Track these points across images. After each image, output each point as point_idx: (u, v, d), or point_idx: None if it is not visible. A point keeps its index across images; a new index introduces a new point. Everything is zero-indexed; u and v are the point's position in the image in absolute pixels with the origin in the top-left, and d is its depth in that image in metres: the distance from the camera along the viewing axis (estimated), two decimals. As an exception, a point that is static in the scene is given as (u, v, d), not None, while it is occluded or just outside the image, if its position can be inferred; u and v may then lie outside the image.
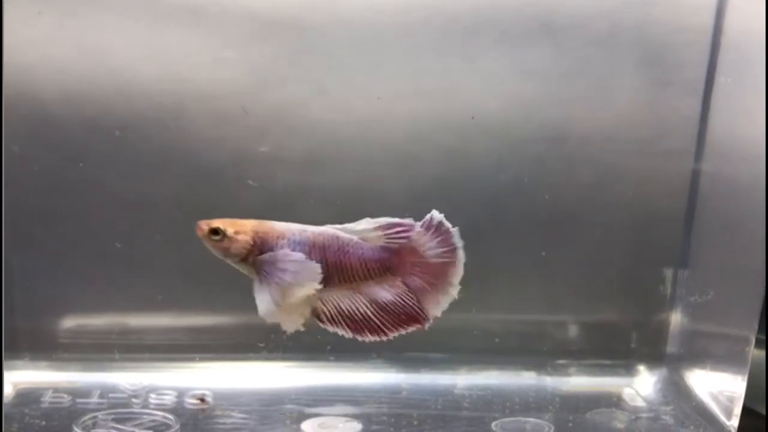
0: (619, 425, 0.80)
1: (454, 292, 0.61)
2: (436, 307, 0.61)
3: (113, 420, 0.75)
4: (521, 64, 0.81)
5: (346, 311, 0.60)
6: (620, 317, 0.90)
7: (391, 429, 0.77)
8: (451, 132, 0.83)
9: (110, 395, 0.79)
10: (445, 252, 0.60)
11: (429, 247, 0.60)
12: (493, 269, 0.86)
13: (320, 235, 0.59)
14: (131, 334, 0.85)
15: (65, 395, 0.79)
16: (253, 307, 0.87)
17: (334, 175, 0.82)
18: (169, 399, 0.79)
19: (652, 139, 0.85)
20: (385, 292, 0.60)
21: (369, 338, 0.60)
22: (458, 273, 0.61)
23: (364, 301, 0.60)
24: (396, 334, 0.60)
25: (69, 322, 0.84)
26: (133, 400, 0.79)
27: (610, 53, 0.82)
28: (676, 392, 0.86)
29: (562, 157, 0.84)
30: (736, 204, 0.81)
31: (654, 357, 0.90)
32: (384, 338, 0.61)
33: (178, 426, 0.75)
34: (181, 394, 0.80)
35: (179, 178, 0.81)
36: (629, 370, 0.90)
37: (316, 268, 0.57)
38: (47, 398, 0.78)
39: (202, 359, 0.85)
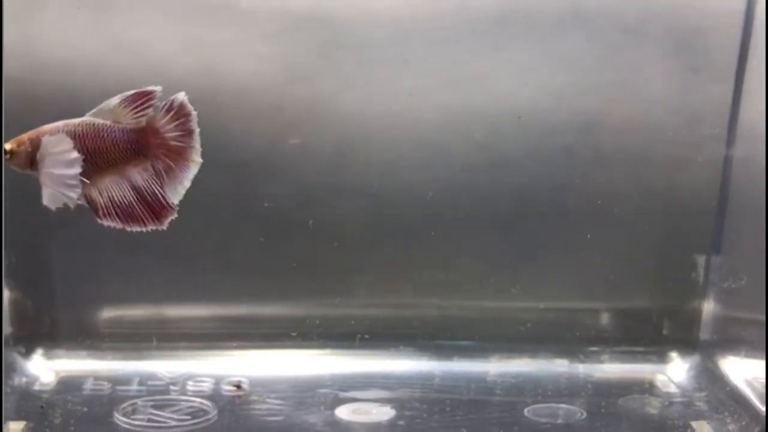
0: (652, 411, 0.80)
1: (188, 179, 0.60)
2: (174, 194, 0.60)
3: (152, 406, 0.77)
4: (551, 53, 0.81)
5: (116, 200, 0.59)
6: (652, 304, 0.90)
7: (424, 414, 0.78)
8: (481, 122, 0.83)
9: (149, 383, 0.81)
10: (181, 135, 0.59)
11: (168, 129, 0.59)
12: (524, 257, 0.87)
13: (79, 125, 0.57)
14: (168, 324, 0.87)
15: (105, 383, 0.81)
16: (287, 297, 0.91)
17: (363, 166, 0.83)
18: (207, 386, 0.81)
19: (683, 126, 0.84)
20: (139, 177, 0.59)
21: (136, 228, 0.59)
22: (195, 160, 0.59)
23: (128, 188, 0.59)
24: (155, 225, 0.59)
25: (108, 312, 0.86)
26: (171, 387, 0.80)
27: (641, 40, 0.82)
28: (710, 379, 0.86)
29: (593, 145, 0.84)
30: (770, 189, 0.81)
31: (687, 343, 0.89)
32: (146, 229, 0.59)
33: (215, 412, 0.76)
34: (217, 381, 0.82)
35: (213, 169, 0.83)
36: (662, 357, 0.90)
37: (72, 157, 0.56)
38: (88, 386, 0.80)
39: (237, 347, 0.87)
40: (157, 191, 0.58)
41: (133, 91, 0.58)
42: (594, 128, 0.83)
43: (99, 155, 0.57)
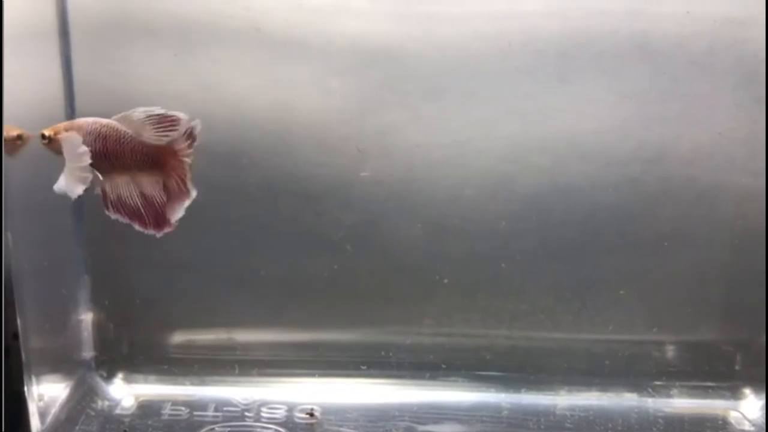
0: (728, 448, 0.80)
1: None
2: (181, 209, 0.65)
3: (229, 432, 0.80)
4: (617, 86, 0.82)
5: (123, 199, 0.64)
6: (723, 338, 0.89)
7: (495, 448, 0.78)
8: (547, 153, 0.84)
9: (224, 408, 0.83)
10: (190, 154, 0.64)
11: (187, 154, 0.64)
12: (591, 288, 0.87)
13: (105, 126, 0.63)
14: (241, 349, 0.89)
15: (183, 408, 0.83)
16: (357, 325, 0.93)
17: (429, 196, 0.85)
18: (280, 413, 0.82)
19: (751, 156, 0.83)
20: (149, 187, 0.65)
21: (139, 227, 0.65)
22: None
23: (137, 192, 0.65)
24: (155, 232, 0.65)
25: (183, 337, 0.89)
26: (246, 413, 0.83)
27: (708, 71, 0.82)
28: (786, 416, 0.85)
29: (660, 175, 0.84)
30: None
31: (761, 380, 0.87)
32: (146, 231, 0.65)
33: (290, 440, 0.79)
34: (290, 408, 0.83)
35: (285, 201, 0.85)
36: (734, 393, 0.88)
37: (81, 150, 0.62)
38: (167, 410, 0.83)
39: (308, 374, 0.88)
40: (159, 205, 0.65)
41: (160, 111, 0.64)
42: (661, 159, 0.83)
43: (116, 158, 0.64)
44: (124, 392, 0.87)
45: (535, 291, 0.87)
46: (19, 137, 0.66)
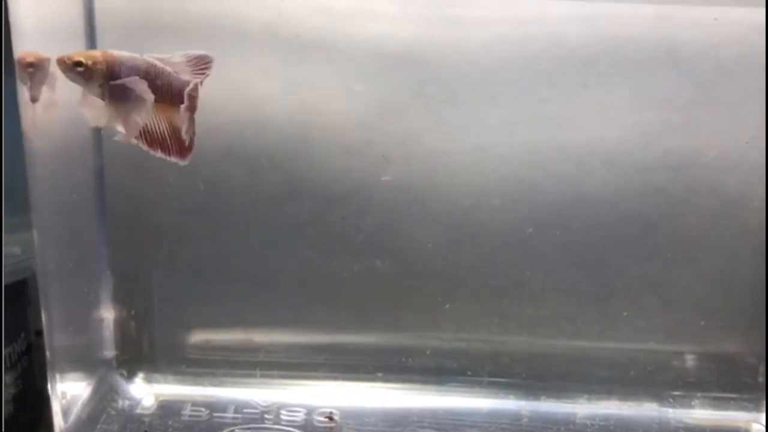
0: (750, 461, 0.79)
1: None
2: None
3: (248, 434, 0.80)
4: (642, 92, 0.81)
5: (148, 127, 0.69)
6: (747, 349, 0.88)
7: (515, 456, 0.78)
8: (570, 160, 0.83)
9: (244, 410, 0.84)
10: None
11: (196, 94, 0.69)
12: (612, 296, 0.86)
13: (144, 62, 0.67)
14: (261, 351, 0.89)
15: (203, 409, 0.84)
16: (377, 329, 0.93)
17: (450, 201, 0.85)
18: (299, 416, 0.83)
19: (777, 165, 0.84)
20: (179, 119, 0.69)
21: (159, 154, 0.70)
22: None
23: (164, 123, 0.69)
24: (178, 159, 0.70)
25: (203, 339, 0.90)
26: (266, 416, 0.83)
27: (735, 79, 0.81)
28: (810, 429, 0.84)
29: (685, 184, 0.83)
30: None
31: (784, 392, 0.88)
32: (169, 158, 0.70)
33: (309, 442, 0.79)
34: (309, 411, 0.84)
35: (306, 204, 0.85)
36: (757, 405, 0.87)
37: (147, 90, 0.68)
38: (187, 411, 0.84)
39: (326, 378, 0.89)
40: (190, 135, 0.69)
41: (197, 53, 0.69)
42: (686, 167, 0.83)
43: (153, 92, 0.68)
44: (144, 392, 0.88)
45: (556, 298, 0.87)
46: (30, 65, 0.67)
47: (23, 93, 0.69)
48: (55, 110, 0.70)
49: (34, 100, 0.68)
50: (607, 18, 0.79)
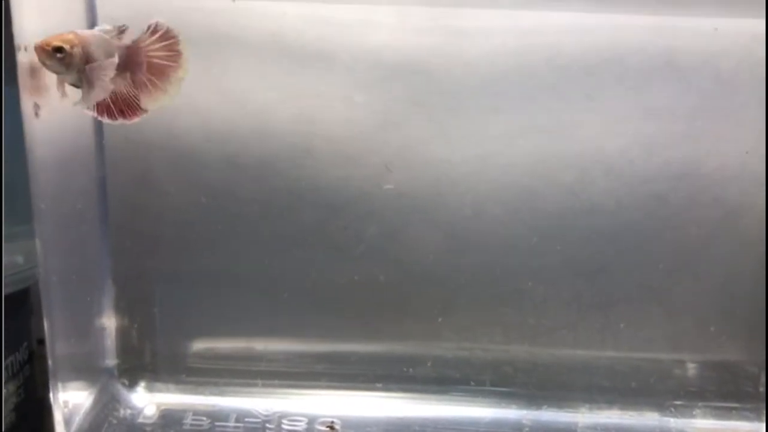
0: (751, 471, 0.79)
1: (172, 91, 0.71)
2: (152, 102, 0.70)
3: (250, 444, 0.80)
4: (643, 102, 0.81)
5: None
6: (748, 358, 0.88)
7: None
8: (571, 169, 0.84)
9: (245, 420, 0.84)
10: (169, 55, 0.69)
11: (153, 49, 0.69)
12: (614, 305, 0.87)
13: (101, 39, 0.68)
14: (262, 360, 0.89)
15: (204, 418, 0.84)
16: (378, 338, 0.93)
17: (452, 210, 0.85)
18: (301, 425, 0.83)
19: (778, 175, 0.84)
20: (121, 86, 0.69)
21: (106, 120, 0.70)
22: (179, 75, 0.70)
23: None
24: (123, 120, 0.70)
25: (205, 348, 0.90)
26: (267, 425, 0.83)
27: (735, 89, 0.81)
28: (813, 439, 0.83)
29: (686, 193, 0.84)
30: None
31: (786, 401, 0.88)
32: (116, 122, 0.70)
33: (311, 452, 0.79)
34: (311, 421, 0.84)
35: (308, 213, 0.86)
36: (758, 414, 0.87)
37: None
38: (188, 420, 0.84)
39: (328, 387, 0.89)
40: (131, 98, 0.70)
41: (118, 26, 0.69)
42: (687, 177, 0.83)
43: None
44: (146, 401, 0.88)
45: (557, 307, 0.87)
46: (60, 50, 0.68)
47: (26, 99, 0.70)
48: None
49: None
50: (607, 28, 0.79)
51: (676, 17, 0.79)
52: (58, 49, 0.66)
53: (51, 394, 0.77)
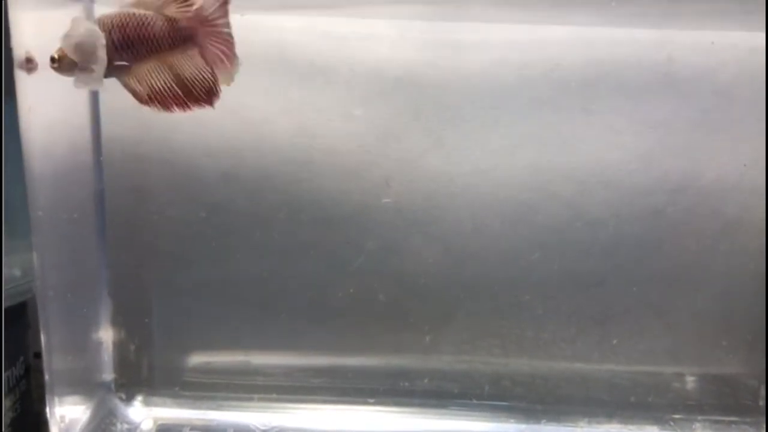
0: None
1: (236, 68, 0.62)
2: (227, 78, 0.62)
3: (248, 459, 0.79)
4: (641, 115, 0.82)
5: (156, 88, 0.61)
6: (747, 371, 0.88)
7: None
8: (569, 182, 0.84)
9: (243, 434, 0.85)
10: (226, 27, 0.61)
11: (218, 16, 0.61)
12: (613, 319, 0.86)
13: (117, 17, 0.60)
14: (260, 374, 0.89)
15: (201, 432, 0.85)
16: (376, 351, 0.92)
17: (451, 224, 0.85)
18: (298, 441, 0.83)
19: (778, 188, 0.84)
20: (185, 64, 0.61)
21: (178, 111, 0.61)
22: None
23: (171, 76, 0.61)
24: (196, 108, 0.62)
25: (202, 362, 0.89)
26: (265, 440, 0.84)
27: (733, 102, 0.81)
28: (814, 453, 0.83)
29: (684, 206, 0.84)
30: None
31: (785, 415, 0.88)
32: (187, 111, 0.62)
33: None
34: (308, 436, 0.85)
35: (306, 226, 0.85)
36: (758, 428, 0.87)
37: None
38: (186, 435, 0.85)
39: (325, 401, 0.88)
40: (205, 76, 0.61)
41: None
42: (685, 189, 0.83)
43: (141, 43, 0.60)
44: (143, 415, 0.87)
45: (556, 320, 0.87)
46: (29, 60, 0.64)
47: (24, 108, 0.69)
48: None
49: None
50: (606, 42, 0.80)
51: (673, 31, 0.79)
52: (51, 59, 0.60)
53: (47, 409, 0.76)
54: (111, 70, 0.61)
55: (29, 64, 0.66)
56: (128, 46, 0.60)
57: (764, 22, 0.74)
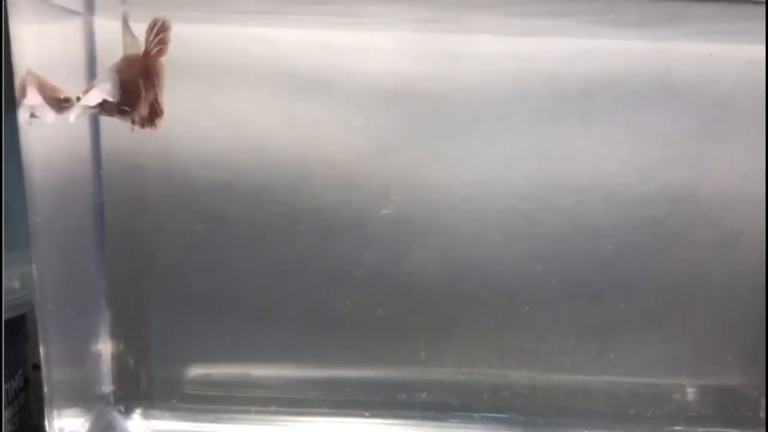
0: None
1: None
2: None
3: (245, 471, 0.79)
4: (640, 126, 0.82)
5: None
6: (747, 382, 0.88)
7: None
8: (569, 194, 0.84)
9: (241, 447, 0.84)
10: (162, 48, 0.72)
11: (153, 43, 0.71)
12: (612, 330, 0.86)
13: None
14: (259, 386, 0.89)
15: (200, 445, 0.85)
16: (375, 363, 0.92)
17: (450, 235, 0.85)
18: (297, 454, 0.83)
19: (775, 198, 0.84)
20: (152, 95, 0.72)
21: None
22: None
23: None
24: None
25: (201, 374, 0.89)
26: (263, 452, 0.83)
27: (731, 113, 0.82)
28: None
29: (683, 218, 0.84)
30: None
31: (786, 427, 0.87)
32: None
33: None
34: (307, 449, 0.84)
35: (306, 238, 0.85)
36: (759, 440, 0.88)
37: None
38: (183, 447, 0.84)
39: (323, 414, 0.88)
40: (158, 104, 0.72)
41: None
42: (684, 200, 0.83)
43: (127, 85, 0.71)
44: (141, 428, 0.87)
45: (556, 332, 0.87)
46: (66, 99, 0.71)
47: (23, 121, 0.70)
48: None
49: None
50: (605, 54, 0.80)
51: (672, 42, 0.79)
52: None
53: (46, 422, 0.76)
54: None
55: (66, 102, 0.73)
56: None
57: (764, 33, 0.74)
